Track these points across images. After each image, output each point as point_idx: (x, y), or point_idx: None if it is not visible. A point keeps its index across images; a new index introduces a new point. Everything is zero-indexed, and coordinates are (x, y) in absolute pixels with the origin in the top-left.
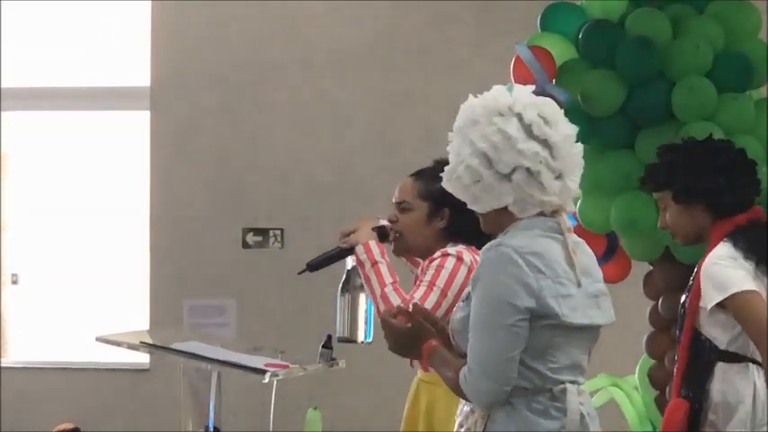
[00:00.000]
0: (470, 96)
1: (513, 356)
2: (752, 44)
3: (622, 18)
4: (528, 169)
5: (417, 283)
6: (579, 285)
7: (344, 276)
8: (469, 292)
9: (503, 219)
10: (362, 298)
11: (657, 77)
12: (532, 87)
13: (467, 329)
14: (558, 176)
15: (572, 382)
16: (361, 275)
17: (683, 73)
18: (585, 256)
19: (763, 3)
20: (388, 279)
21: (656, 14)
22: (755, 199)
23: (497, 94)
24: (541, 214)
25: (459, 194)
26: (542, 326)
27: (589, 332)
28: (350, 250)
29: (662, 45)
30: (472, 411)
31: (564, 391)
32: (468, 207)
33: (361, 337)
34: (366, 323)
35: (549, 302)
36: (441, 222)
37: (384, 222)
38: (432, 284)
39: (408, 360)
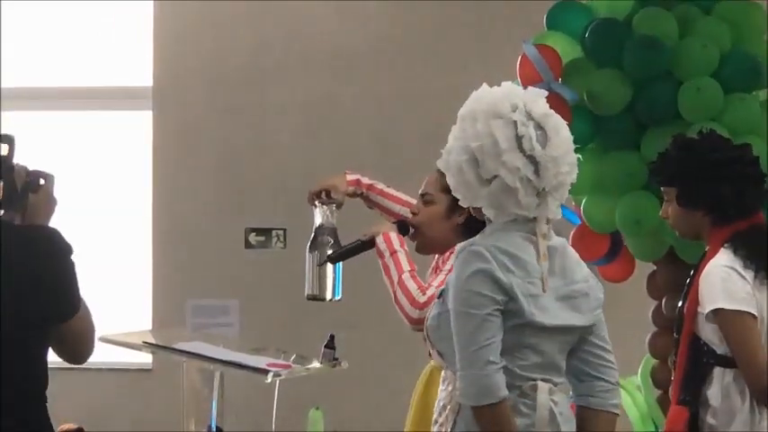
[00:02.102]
0: (484, 85)
1: (488, 343)
2: (759, 45)
3: (628, 17)
4: (506, 182)
5: (437, 271)
6: (544, 290)
7: (312, 235)
8: (443, 291)
9: (482, 215)
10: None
11: (664, 77)
12: (544, 93)
13: (440, 327)
14: (540, 193)
15: (544, 380)
16: (381, 265)
17: (690, 73)
18: (565, 257)
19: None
20: (405, 267)
21: (663, 14)
22: (760, 206)
23: (506, 94)
24: (518, 218)
25: (447, 177)
26: (512, 326)
27: (563, 333)
28: (370, 243)
29: (669, 45)
30: (444, 407)
31: (534, 387)
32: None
33: (329, 294)
34: (335, 281)
35: (520, 299)
36: (460, 218)
37: (361, 180)
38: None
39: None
